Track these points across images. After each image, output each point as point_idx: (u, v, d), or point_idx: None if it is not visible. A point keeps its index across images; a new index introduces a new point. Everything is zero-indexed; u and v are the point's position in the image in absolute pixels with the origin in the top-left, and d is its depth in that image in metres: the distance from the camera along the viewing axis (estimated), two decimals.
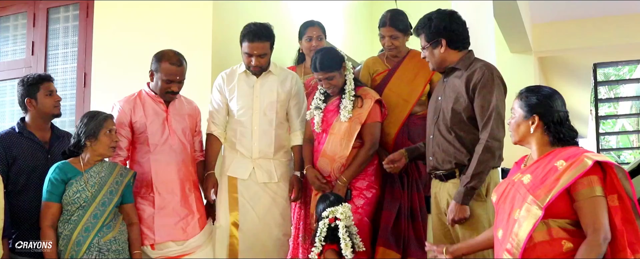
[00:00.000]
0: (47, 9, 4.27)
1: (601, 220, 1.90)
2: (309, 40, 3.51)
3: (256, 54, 3.07)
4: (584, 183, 1.93)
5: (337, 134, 3.06)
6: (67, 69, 4.18)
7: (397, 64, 3.34)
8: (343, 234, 2.70)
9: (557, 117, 2.09)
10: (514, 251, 1.98)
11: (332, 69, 3.03)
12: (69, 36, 4.21)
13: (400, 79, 3.29)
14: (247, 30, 3.07)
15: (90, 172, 2.75)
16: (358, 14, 6.21)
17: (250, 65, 3.12)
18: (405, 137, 3.21)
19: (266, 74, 3.21)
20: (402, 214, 3.08)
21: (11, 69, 4.39)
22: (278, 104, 3.20)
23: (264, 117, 3.17)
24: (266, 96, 3.18)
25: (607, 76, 12.45)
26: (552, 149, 2.09)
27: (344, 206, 2.78)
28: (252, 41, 3.05)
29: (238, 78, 3.21)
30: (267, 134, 3.17)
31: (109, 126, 2.78)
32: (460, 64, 2.66)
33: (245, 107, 3.18)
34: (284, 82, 3.23)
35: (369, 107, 3.05)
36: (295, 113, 3.27)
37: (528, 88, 2.21)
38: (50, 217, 2.67)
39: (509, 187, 2.12)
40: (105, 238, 2.69)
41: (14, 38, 4.46)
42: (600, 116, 10.28)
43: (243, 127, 3.18)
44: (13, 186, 2.84)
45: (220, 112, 3.23)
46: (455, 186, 2.61)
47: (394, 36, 3.25)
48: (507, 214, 2.07)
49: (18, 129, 2.98)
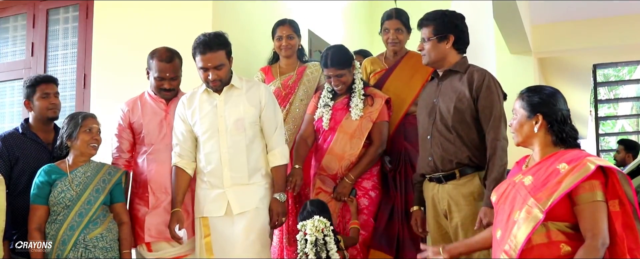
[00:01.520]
0: (46, 10, 4.27)
1: (600, 225, 1.89)
2: (279, 40, 3.45)
3: (211, 66, 2.72)
4: (586, 187, 1.92)
5: (347, 132, 3.05)
6: (67, 70, 4.17)
7: (395, 63, 3.37)
8: (309, 248, 2.64)
9: (560, 116, 2.09)
10: (512, 252, 1.97)
11: (342, 66, 3.04)
12: (68, 37, 4.21)
13: (397, 78, 3.31)
14: (196, 42, 2.77)
15: (76, 172, 2.75)
16: (357, 14, 6.21)
17: (209, 80, 2.76)
18: (402, 136, 3.23)
19: (229, 89, 2.83)
20: (396, 215, 3.08)
21: (11, 70, 4.39)
22: (246, 121, 2.79)
23: (231, 138, 2.77)
24: (231, 113, 2.79)
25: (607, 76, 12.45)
26: (554, 150, 2.08)
27: (315, 219, 2.69)
28: (204, 53, 2.72)
29: (199, 99, 2.85)
30: (238, 157, 2.77)
31: (88, 124, 2.77)
32: (458, 67, 2.69)
33: (209, 129, 2.79)
34: (251, 94, 2.84)
35: (379, 107, 3.07)
36: (270, 128, 2.85)
37: (529, 88, 2.20)
38: (36, 220, 2.68)
39: (510, 188, 2.11)
40: (91, 234, 2.68)
41: (13, 39, 4.45)
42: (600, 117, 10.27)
43: (210, 153, 2.79)
44: (15, 186, 2.84)
45: (186, 143, 2.83)
46: (455, 188, 2.61)
47: (399, 29, 3.31)
48: (506, 215, 2.06)
49: (21, 129, 2.99)
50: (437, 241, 2.72)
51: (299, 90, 3.40)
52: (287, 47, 3.42)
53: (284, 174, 2.86)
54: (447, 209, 2.63)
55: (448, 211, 2.63)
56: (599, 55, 8.68)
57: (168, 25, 3.75)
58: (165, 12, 3.77)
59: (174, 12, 3.74)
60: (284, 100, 3.40)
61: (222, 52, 2.76)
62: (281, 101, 3.38)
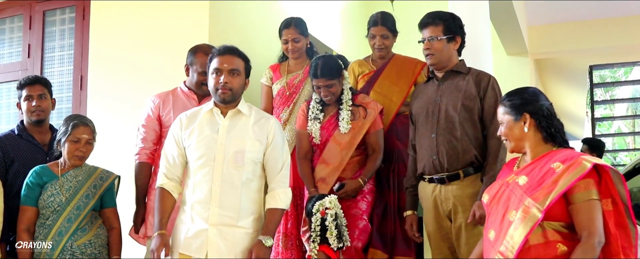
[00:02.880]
0: (43, 12, 4.26)
1: (596, 224, 1.90)
2: (285, 43, 3.45)
3: (227, 68, 2.45)
4: (581, 186, 1.93)
5: (339, 142, 3.04)
6: (64, 72, 4.16)
7: (383, 66, 3.41)
8: (330, 223, 2.70)
9: (546, 111, 2.12)
10: (508, 253, 1.97)
11: (332, 76, 3.02)
12: (65, 39, 4.20)
13: (386, 80, 3.35)
14: (217, 48, 2.55)
15: (67, 176, 2.72)
16: (354, 15, 6.22)
17: (219, 86, 2.45)
18: (394, 136, 3.24)
19: (235, 113, 2.51)
20: (389, 213, 3.09)
21: (7, 71, 4.38)
22: (247, 156, 2.45)
23: (227, 171, 2.42)
24: (233, 143, 2.45)
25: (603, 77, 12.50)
26: (546, 148, 2.10)
27: (331, 196, 2.77)
28: (223, 54, 2.49)
29: (201, 118, 2.53)
30: (230, 194, 2.42)
31: (77, 134, 2.70)
32: (461, 68, 2.75)
33: (205, 156, 2.44)
34: (259, 127, 2.52)
35: (372, 118, 3.05)
36: (275, 167, 2.51)
37: (508, 93, 2.23)
38: (25, 221, 2.66)
39: (503, 188, 2.11)
40: (78, 241, 2.66)
41: (10, 40, 4.45)
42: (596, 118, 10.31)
43: (201, 183, 2.44)
44: (10, 188, 2.83)
45: (175, 168, 2.51)
46: (460, 188, 2.62)
47: (384, 35, 3.34)
48: (500, 215, 2.06)
49: (17, 131, 2.99)
50: (438, 243, 2.73)
51: (304, 89, 3.40)
52: (293, 50, 3.42)
53: (278, 220, 2.51)
54: (452, 209, 2.64)
55: (453, 211, 2.64)
56: (596, 56, 8.71)
57: (165, 27, 3.75)
58: (161, 14, 3.77)
59: (170, 13, 3.74)
60: (288, 100, 3.40)
61: (242, 61, 2.52)
62: (285, 101, 3.39)
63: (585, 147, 5.98)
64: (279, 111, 3.40)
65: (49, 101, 3.05)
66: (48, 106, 3.04)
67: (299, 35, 3.42)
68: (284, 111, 3.38)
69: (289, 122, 3.35)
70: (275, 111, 3.43)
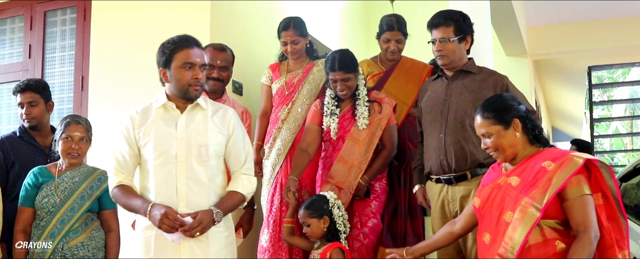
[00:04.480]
0: (44, 12, 4.26)
1: (591, 218, 1.93)
2: (284, 45, 3.42)
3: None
4: (573, 182, 1.96)
5: (357, 139, 3.02)
6: (65, 72, 4.16)
7: (392, 67, 3.42)
8: (338, 217, 2.77)
9: (525, 113, 2.16)
10: (508, 254, 1.97)
11: (349, 70, 3.00)
12: (66, 39, 4.20)
13: (397, 81, 3.37)
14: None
15: (63, 177, 2.70)
16: (354, 15, 6.23)
17: (192, 82, 2.30)
18: (406, 137, 3.27)
19: (193, 107, 2.35)
20: (400, 212, 3.10)
21: (8, 72, 4.37)
22: (211, 150, 2.31)
23: (190, 168, 2.26)
24: (194, 138, 2.30)
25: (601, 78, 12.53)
26: (533, 149, 2.13)
27: (329, 192, 2.85)
28: (193, 47, 2.39)
29: (154, 115, 2.34)
30: (198, 192, 2.26)
31: (69, 131, 2.69)
32: (471, 68, 2.76)
33: (164, 155, 2.27)
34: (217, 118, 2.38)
35: (388, 113, 3.05)
36: (238, 158, 2.40)
37: (485, 105, 2.20)
38: (22, 222, 2.65)
39: (495, 191, 2.11)
40: (70, 243, 2.61)
41: (10, 41, 4.44)
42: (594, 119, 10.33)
43: (162, 183, 2.26)
44: (11, 190, 2.83)
45: (126, 167, 2.33)
46: (467, 189, 2.62)
47: (399, 40, 3.37)
48: (495, 217, 2.06)
49: (19, 133, 2.99)
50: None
51: (302, 89, 3.39)
52: (292, 52, 3.40)
53: (236, 203, 2.35)
54: (459, 210, 2.63)
55: (460, 212, 2.63)
56: (594, 57, 8.73)
57: (166, 28, 3.74)
58: (163, 14, 3.77)
59: (171, 13, 3.74)
60: (286, 99, 3.38)
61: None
62: (284, 99, 3.38)
63: (573, 148, 6.04)
64: (278, 110, 3.39)
65: (42, 106, 3.02)
66: (40, 112, 3.01)
67: (297, 37, 3.39)
68: (282, 109, 3.37)
69: (286, 121, 3.34)
70: (274, 110, 3.43)
